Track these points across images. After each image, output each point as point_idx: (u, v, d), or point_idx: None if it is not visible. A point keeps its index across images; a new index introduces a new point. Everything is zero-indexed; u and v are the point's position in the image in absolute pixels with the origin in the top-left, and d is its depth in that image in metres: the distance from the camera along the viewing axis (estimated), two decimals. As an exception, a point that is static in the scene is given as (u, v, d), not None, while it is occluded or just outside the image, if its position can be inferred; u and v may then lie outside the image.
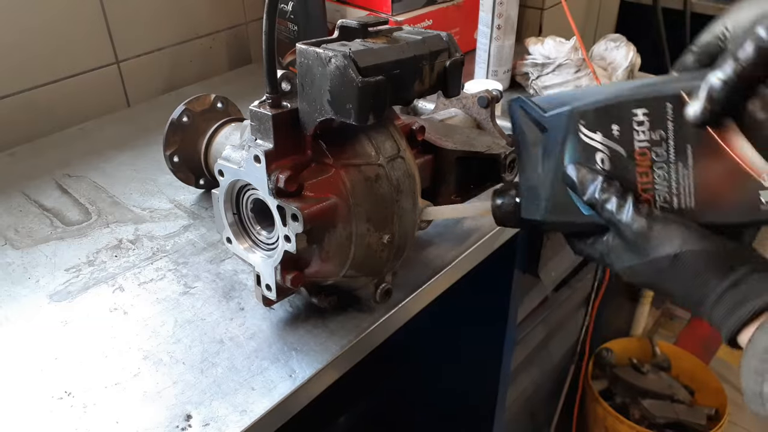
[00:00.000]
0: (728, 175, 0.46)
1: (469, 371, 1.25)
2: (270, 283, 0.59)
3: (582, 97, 0.50)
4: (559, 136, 0.51)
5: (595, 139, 0.49)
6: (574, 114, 0.50)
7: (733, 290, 0.44)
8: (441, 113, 0.83)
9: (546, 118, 0.51)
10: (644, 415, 1.64)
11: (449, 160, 0.70)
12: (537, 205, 0.53)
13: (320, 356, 0.61)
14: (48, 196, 0.88)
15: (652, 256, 0.46)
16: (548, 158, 0.52)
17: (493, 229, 0.79)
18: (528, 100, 0.53)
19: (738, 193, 0.46)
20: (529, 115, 0.52)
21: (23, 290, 0.71)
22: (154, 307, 0.67)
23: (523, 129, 0.53)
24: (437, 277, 0.71)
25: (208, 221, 0.81)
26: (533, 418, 1.50)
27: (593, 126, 0.49)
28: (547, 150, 0.52)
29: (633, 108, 0.47)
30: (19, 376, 0.60)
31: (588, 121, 0.49)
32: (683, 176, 0.47)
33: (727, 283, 0.44)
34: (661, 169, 0.48)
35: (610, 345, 1.75)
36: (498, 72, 1.16)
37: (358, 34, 0.58)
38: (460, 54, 0.60)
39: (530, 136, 0.53)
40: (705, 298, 0.45)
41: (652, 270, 0.47)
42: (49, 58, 1.03)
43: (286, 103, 0.56)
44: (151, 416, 0.55)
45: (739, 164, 0.45)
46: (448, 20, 1.26)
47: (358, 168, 0.57)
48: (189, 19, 1.20)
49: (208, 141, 0.80)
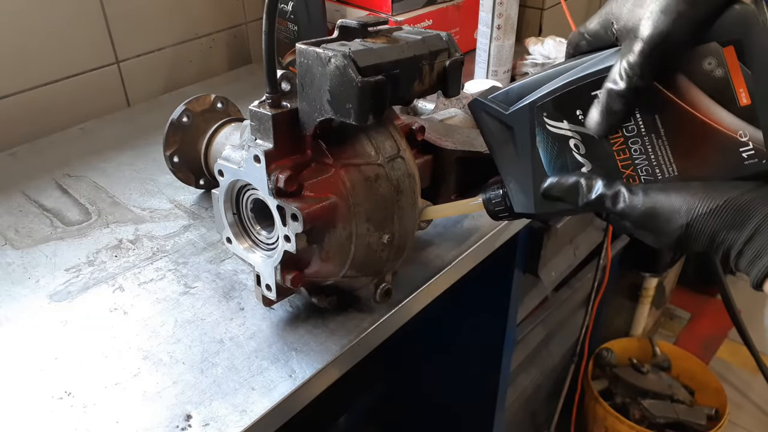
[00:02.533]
0: (702, 137, 0.45)
1: (469, 371, 1.25)
2: (270, 283, 0.59)
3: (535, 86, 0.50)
4: (526, 132, 0.51)
5: (563, 128, 0.49)
6: (534, 108, 0.50)
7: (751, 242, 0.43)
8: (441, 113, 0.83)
9: (507, 116, 0.51)
10: (644, 415, 1.64)
11: (449, 160, 0.70)
12: (528, 198, 0.53)
13: (320, 356, 0.61)
14: (48, 196, 0.88)
15: (665, 231, 0.46)
16: (522, 154, 0.52)
17: (493, 229, 0.79)
18: (485, 100, 0.52)
19: (717, 153, 0.45)
20: (491, 115, 0.52)
21: (23, 290, 0.71)
22: (154, 307, 0.67)
23: (490, 129, 0.53)
24: (437, 277, 0.71)
25: (208, 221, 0.81)
26: (533, 418, 1.50)
27: (557, 116, 0.49)
28: (519, 147, 0.52)
29: (591, 91, 0.47)
30: (19, 376, 0.60)
31: (550, 112, 0.49)
32: (658, 146, 0.47)
33: (744, 236, 0.43)
34: (636, 144, 0.48)
35: (610, 345, 1.76)
36: (498, 72, 1.16)
37: (357, 34, 0.58)
38: (459, 54, 0.60)
39: (498, 136, 0.53)
40: (729, 253, 0.44)
41: (670, 242, 0.46)
42: (49, 58, 1.03)
43: (286, 103, 0.56)
44: (151, 416, 0.55)
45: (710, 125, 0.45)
46: (448, 20, 1.26)
47: (358, 168, 0.57)
48: (189, 19, 1.20)
49: (208, 141, 0.80)
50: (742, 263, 0.44)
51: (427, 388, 1.40)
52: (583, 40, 0.50)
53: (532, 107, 0.50)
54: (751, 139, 0.44)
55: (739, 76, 0.43)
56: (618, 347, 1.76)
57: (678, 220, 0.45)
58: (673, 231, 0.45)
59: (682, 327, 2.23)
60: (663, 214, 0.45)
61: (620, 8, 0.46)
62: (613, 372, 1.73)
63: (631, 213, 0.47)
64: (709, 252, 0.46)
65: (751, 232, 0.43)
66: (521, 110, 0.50)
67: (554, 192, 0.50)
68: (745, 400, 1.98)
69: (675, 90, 0.45)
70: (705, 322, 2.23)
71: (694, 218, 0.44)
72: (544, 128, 0.50)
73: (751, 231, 0.43)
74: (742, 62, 0.43)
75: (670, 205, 0.45)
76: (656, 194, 0.46)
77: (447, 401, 1.36)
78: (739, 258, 0.44)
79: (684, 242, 0.46)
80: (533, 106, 0.50)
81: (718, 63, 0.43)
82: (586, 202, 0.49)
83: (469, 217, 0.80)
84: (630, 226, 0.49)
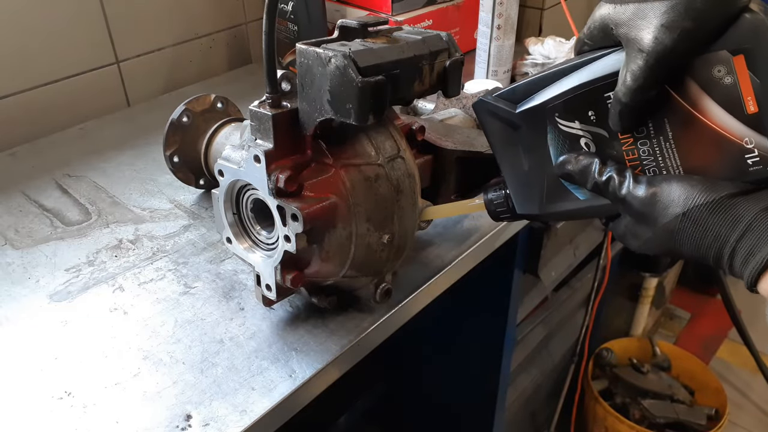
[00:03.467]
0: (709, 142, 0.46)
1: (469, 371, 1.25)
2: (270, 283, 0.59)
3: (541, 85, 0.50)
4: (537, 131, 0.51)
5: (575, 128, 0.50)
6: (547, 109, 0.50)
7: (744, 239, 0.43)
8: (441, 113, 0.83)
9: (516, 115, 0.51)
10: (644, 415, 1.64)
11: (449, 160, 0.70)
12: (531, 199, 0.54)
13: (320, 356, 0.61)
14: (48, 196, 0.88)
15: (661, 222, 0.46)
16: (531, 153, 0.52)
17: (493, 229, 0.79)
18: (490, 99, 0.53)
19: (723, 159, 0.46)
20: (498, 114, 0.52)
21: (23, 290, 0.71)
22: (154, 307, 0.67)
23: (495, 129, 0.53)
24: (437, 277, 0.71)
25: (208, 221, 0.81)
26: (533, 418, 1.50)
27: (569, 116, 0.50)
28: (528, 146, 0.52)
29: (603, 93, 0.48)
30: (19, 376, 0.60)
31: (562, 112, 0.50)
32: (666, 148, 0.48)
33: (737, 233, 0.43)
34: (645, 145, 0.48)
35: (610, 345, 1.75)
36: (498, 72, 1.16)
37: (358, 34, 0.58)
38: (459, 54, 0.60)
39: (503, 135, 0.53)
40: (722, 252, 0.44)
41: (665, 235, 0.46)
42: (49, 58, 1.03)
43: (286, 103, 0.56)
44: (151, 416, 0.55)
45: (717, 131, 0.45)
46: (448, 20, 1.26)
47: (358, 168, 0.57)
48: (189, 19, 1.20)
49: (208, 141, 0.80)
50: (735, 262, 0.44)
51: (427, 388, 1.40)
52: (585, 45, 0.51)
53: (544, 107, 0.50)
54: (756, 146, 0.45)
55: (748, 84, 0.44)
56: (618, 347, 1.76)
57: (675, 209, 0.45)
58: (670, 221, 0.46)
59: (682, 327, 2.23)
60: (662, 201, 0.46)
61: (619, 15, 0.46)
62: (613, 372, 1.73)
63: (632, 201, 0.47)
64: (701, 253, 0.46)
65: (744, 228, 0.43)
66: (532, 110, 0.51)
67: (568, 168, 0.51)
68: (745, 400, 1.98)
69: (684, 95, 0.46)
70: (705, 322, 2.23)
71: (690, 208, 0.45)
72: (556, 127, 0.50)
73: (744, 228, 0.43)
74: (751, 71, 0.43)
75: (669, 192, 0.46)
76: (659, 182, 0.47)
77: (447, 401, 1.36)
78: (732, 258, 0.44)
79: (677, 238, 0.46)
80: (545, 106, 0.50)
81: (728, 71, 0.44)
82: (596, 182, 0.49)
83: (469, 217, 0.80)
84: (629, 222, 0.49)
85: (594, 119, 0.49)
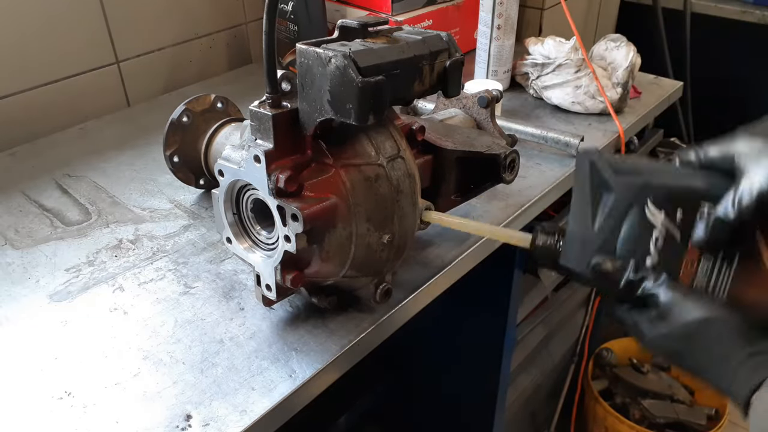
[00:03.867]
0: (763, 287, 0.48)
1: (469, 371, 1.25)
2: (270, 283, 0.59)
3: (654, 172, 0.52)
4: (624, 203, 0.51)
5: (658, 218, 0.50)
6: (646, 187, 0.50)
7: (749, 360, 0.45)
8: (441, 113, 0.83)
9: (617, 181, 0.52)
10: (644, 415, 1.64)
11: (449, 160, 0.70)
12: (580, 257, 0.53)
13: (320, 356, 0.61)
14: (48, 196, 0.88)
15: (679, 322, 0.48)
16: (607, 219, 0.52)
17: (493, 229, 0.78)
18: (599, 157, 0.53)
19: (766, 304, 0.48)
20: (598, 171, 0.52)
21: (23, 290, 0.71)
22: (154, 307, 0.67)
23: (587, 183, 0.53)
24: (437, 277, 0.71)
25: (208, 221, 0.81)
26: (533, 418, 1.50)
27: (660, 204, 0.50)
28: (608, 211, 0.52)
29: (701, 199, 0.49)
30: (19, 376, 0.60)
31: (657, 198, 0.50)
32: (724, 274, 0.49)
33: (745, 354, 0.45)
34: (708, 262, 0.50)
35: (610, 345, 1.75)
36: (498, 72, 1.16)
37: (358, 34, 0.58)
38: (460, 54, 0.60)
39: (592, 192, 0.53)
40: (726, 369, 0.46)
41: (679, 336, 0.48)
42: (49, 58, 1.03)
43: (286, 103, 0.56)
44: (151, 416, 0.55)
45: None
46: (448, 20, 1.26)
47: (358, 168, 0.57)
48: (189, 19, 1.20)
49: (208, 141, 0.80)
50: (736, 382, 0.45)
51: (427, 388, 1.40)
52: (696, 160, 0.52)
53: (645, 185, 0.51)
54: None
55: None
56: (618, 347, 1.76)
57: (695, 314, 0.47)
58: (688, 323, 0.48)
59: (682, 327, 2.22)
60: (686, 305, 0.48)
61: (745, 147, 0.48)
62: (613, 372, 1.73)
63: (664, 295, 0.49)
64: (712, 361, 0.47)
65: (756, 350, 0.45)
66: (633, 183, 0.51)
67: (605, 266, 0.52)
68: (745, 400, 1.97)
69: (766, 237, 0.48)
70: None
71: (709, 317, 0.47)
72: (642, 209, 0.51)
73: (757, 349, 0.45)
74: None
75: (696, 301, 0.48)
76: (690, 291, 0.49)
77: (447, 401, 1.36)
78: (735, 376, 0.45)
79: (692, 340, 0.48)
80: (647, 185, 0.51)
81: None
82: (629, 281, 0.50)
83: (469, 218, 0.80)
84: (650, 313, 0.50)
85: (680, 219, 0.50)
